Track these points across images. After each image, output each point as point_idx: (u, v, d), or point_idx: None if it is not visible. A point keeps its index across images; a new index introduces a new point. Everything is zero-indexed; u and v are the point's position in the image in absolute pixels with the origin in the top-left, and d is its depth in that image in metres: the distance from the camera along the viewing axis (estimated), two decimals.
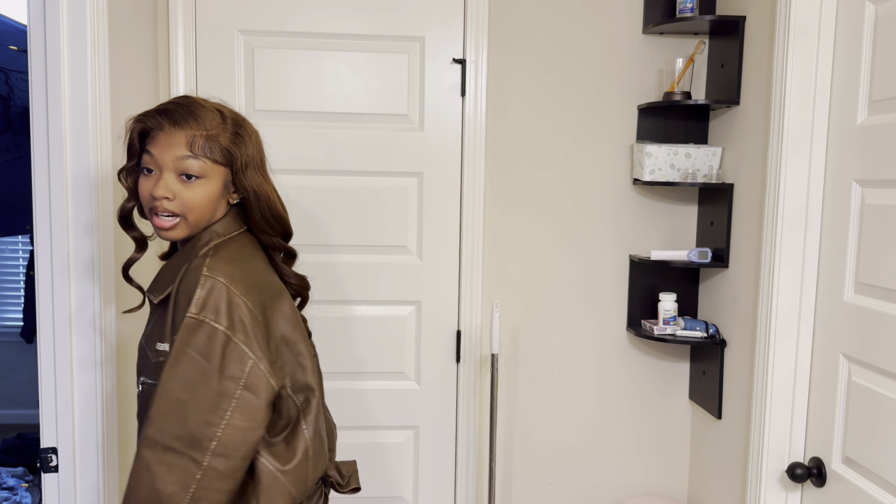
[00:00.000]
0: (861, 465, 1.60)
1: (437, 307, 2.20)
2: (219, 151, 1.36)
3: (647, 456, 2.33)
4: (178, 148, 1.33)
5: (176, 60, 2.05)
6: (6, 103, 2.88)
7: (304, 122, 2.13)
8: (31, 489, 3.09)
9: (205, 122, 1.35)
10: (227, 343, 1.27)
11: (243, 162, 1.38)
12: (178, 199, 1.34)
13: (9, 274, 4.47)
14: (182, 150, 1.33)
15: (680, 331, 2.13)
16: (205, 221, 1.38)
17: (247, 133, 1.41)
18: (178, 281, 1.34)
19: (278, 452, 1.35)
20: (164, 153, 1.33)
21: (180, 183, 1.34)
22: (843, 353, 1.67)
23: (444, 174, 2.17)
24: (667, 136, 2.20)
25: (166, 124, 1.34)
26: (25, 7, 1.90)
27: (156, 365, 1.35)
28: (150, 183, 1.35)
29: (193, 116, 1.35)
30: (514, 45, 2.17)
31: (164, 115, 1.35)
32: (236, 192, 1.41)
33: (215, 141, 1.35)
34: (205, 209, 1.36)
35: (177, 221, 1.35)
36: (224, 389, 1.26)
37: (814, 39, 1.72)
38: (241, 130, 1.40)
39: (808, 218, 1.76)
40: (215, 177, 1.37)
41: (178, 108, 1.35)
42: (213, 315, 1.27)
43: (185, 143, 1.33)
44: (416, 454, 2.25)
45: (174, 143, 1.33)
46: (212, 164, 1.35)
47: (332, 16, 2.10)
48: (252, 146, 1.40)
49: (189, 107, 1.36)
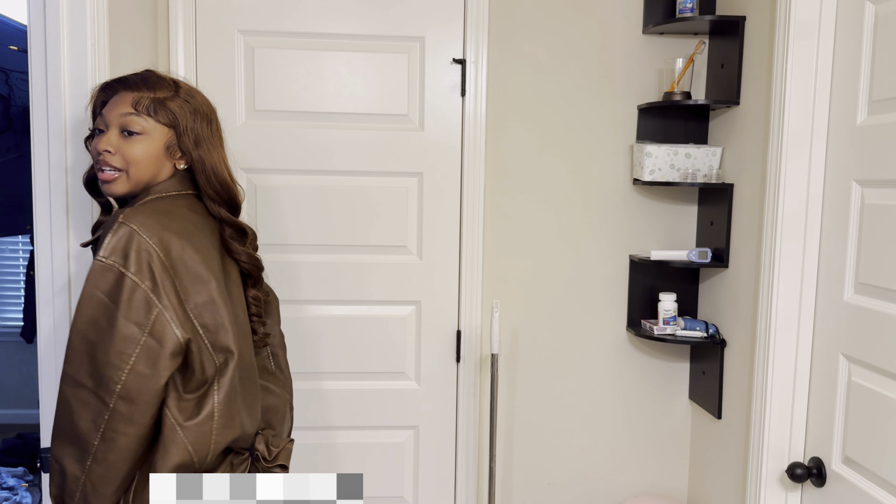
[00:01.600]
0: (861, 465, 1.60)
1: (436, 307, 2.20)
2: (163, 113, 1.44)
3: (647, 456, 2.33)
4: (123, 106, 1.43)
5: (176, 60, 2.05)
6: (6, 103, 2.88)
7: (304, 122, 2.13)
8: (31, 489, 3.10)
9: (155, 87, 1.46)
10: (135, 289, 1.30)
11: (186, 125, 1.46)
12: (118, 154, 1.42)
13: (9, 274, 4.47)
14: (126, 108, 1.43)
15: (680, 331, 2.14)
16: (146, 178, 1.45)
17: (196, 102, 1.49)
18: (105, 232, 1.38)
19: (184, 407, 1.37)
20: (111, 111, 1.44)
21: (122, 139, 1.43)
22: (843, 353, 1.67)
23: (444, 174, 2.17)
24: (667, 136, 2.20)
25: (120, 88, 1.46)
26: (25, 7, 1.90)
27: None
28: (98, 141, 1.44)
29: (146, 83, 1.46)
30: (514, 45, 2.17)
31: (121, 82, 1.47)
32: (182, 158, 1.48)
33: (161, 103, 1.44)
34: (145, 165, 1.43)
35: (118, 175, 1.43)
36: (129, 334, 1.29)
37: (814, 39, 1.72)
38: (191, 100, 1.49)
39: (808, 218, 1.76)
40: (157, 135, 1.44)
41: (135, 77, 1.47)
42: (122, 260, 1.30)
43: (130, 103, 1.43)
44: (416, 454, 2.25)
45: (121, 103, 1.44)
46: (154, 122, 1.44)
47: (331, 16, 2.10)
48: (201, 117, 1.49)
49: (144, 76, 1.47)
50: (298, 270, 2.16)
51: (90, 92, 1.91)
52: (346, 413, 2.22)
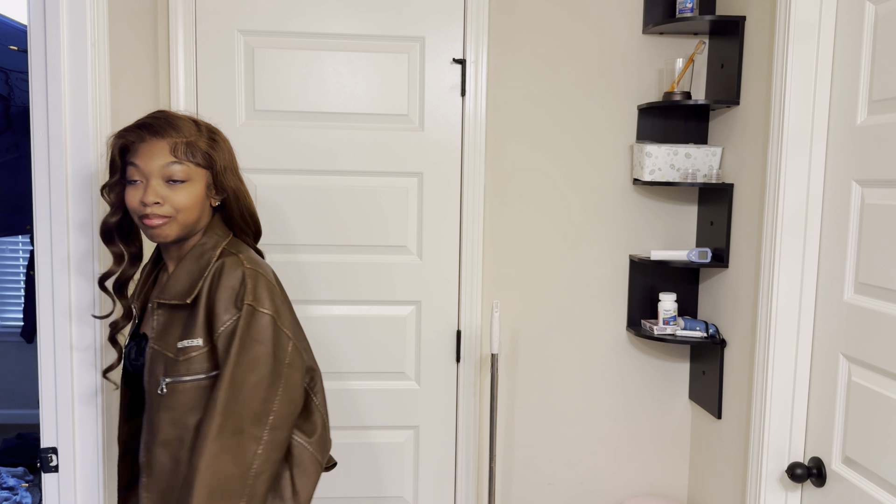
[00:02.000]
0: (861, 465, 1.60)
1: (437, 307, 2.20)
2: (200, 155, 1.46)
3: (647, 456, 2.33)
4: (162, 155, 1.43)
5: (176, 60, 2.05)
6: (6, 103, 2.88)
7: (304, 122, 2.13)
8: (31, 489, 3.10)
9: (182, 130, 1.45)
10: (275, 327, 1.43)
11: (222, 164, 1.49)
12: (167, 203, 1.43)
13: (9, 274, 4.47)
14: (166, 157, 1.43)
15: (680, 331, 2.14)
16: (193, 221, 1.47)
17: (221, 139, 1.52)
18: (209, 280, 1.44)
19: (301, 426, 1.53)
20: (149, 162, 1.42)
21: (168, 188, 1.43)
22: (843, 353, 1.67)
23: (444, 174, 2.17)
24: (667, 136, 2.20)
25: (147, 136, 1.43)
26: (25, 7, 1.90)
27: (183, 362, 1.43)
28: (139, 192, 1.43)
29: (172, 126, 1.45)
30: (514, 45, 2.17)
31: (144, 128, 1.44)
32: (217, 194, 1.51)
33: (195, 146, 1.45)
34: (192, 210, 1.46)
35: (167, 220, 1.44)
36: (276, 368, 1.42)
37: (814, 39, 1.72)
38: (216, 136, 1.51)
39: (808, 218, 1.76)
40: (198, 179, 1.46)
41: (156, 121, 1.45)
42: (263, 303, 1.42)
43: (168, 150, 1.43)
44: (416, 454, 2.25)
45: (157, 152, 1.43)
46: (194, 167, 1.45)
47: (331, 16, 2.10)
48: (226, 151, 1.52)
49: (166, 118, 1.46)
50: (298, 270, 2.16)
51: (90, 92, 1.91)
52: (346, 413, 2.22)
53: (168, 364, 1.44)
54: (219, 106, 2.09)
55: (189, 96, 2.07)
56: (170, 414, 1.43)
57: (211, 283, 1.44)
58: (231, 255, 1.47)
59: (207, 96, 2.08)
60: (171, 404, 1.43)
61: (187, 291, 1.45)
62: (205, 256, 1.48)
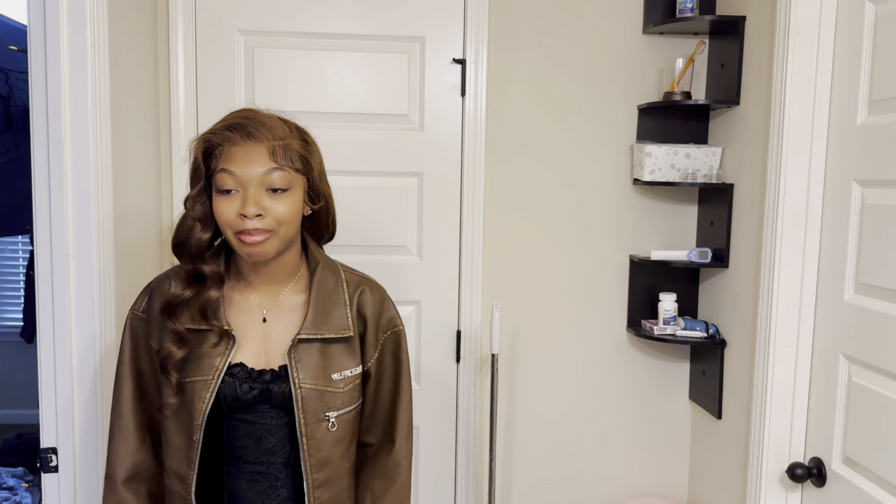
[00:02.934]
0: (861, 466, 1.60)
1: (437, 307, 2.20)
2: (298, 159, 1.30)
3: (647, 456, 2.33)
4: (260, 161, 1.26)
5: (176, 60, 2.05)
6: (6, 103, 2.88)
7: (303, 122, 2.12)
8: (31, 489, 3.10)
9: (276, 130, 1.30)
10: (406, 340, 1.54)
11: (318, 170, 1.36)
12: (269, 215, 1.27)
13: (9, 274, 4.48)
14: (266, 163, 1.26)
15: (680, 331, 2.13)
16: (292, 236, 1.33)
17: (311, 140, 1.38)
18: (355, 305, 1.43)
19: None
20: (247, 169, 1.25)
21: (269, 198, 1.27)
22: (843, 353, 1.67)
23: (444, 174, 2.17)
24: (667, 136, 2.20)
25: (239, 138, 1.27)
26: (25, 7, 1.90)
27: (346, 393, 1.40)
28: (235, 203, 1.26)
29: (265, 126, 1.29)
30: (514, 45, 2.17)
31: (235, 129, 1.27)
32: (312, 202, 1.37)
33: (292, 149, 1.29)
34: (294, 221, 1.31)
35: (269, 235, 1.28)
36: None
37: (814, 39, 1.72)
38: (307, 137, 1.37)
39: (808, 218, 1.76)
40: (298, 186, 1.31)
41: (248, 121, 1.28)
42: (400, 319, 1.51)
43: (267, 155, 1.26)
44: (416, 454, 2.25)
45: (255, 157, 1.26)
46: (294, 173, 1.29)
47: (331, 16, 2.10)
48: (318, 153, 1.38)
49: (256, 118, 1.30)
50: None
51: (90, 92, 1.91)
52: None
53: (328, 399, 1.37)
54: (219, 106, 2.09)
55: (189, 96, 2.07)
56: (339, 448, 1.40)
57: (358, 309, 1.43)
58: (349, 272, 1.46)
59: (207, 96, 2.08)
60: (338, 437, 1.40)
61: (344, 324, 1.40)
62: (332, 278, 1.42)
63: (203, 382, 1.33)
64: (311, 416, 1.35)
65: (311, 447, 1.36)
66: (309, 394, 1.35)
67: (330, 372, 1.37)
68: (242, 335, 1.37)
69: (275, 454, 1.37)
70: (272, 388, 1.35)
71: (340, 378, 1.38)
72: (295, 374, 1.34)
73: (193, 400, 1.33)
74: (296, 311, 1.40)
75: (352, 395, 1.41)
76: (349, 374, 1.40)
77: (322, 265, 1.42)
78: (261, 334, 1.38)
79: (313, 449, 1.36)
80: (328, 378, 1.37)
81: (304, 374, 1.35)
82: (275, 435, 1.37)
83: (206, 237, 1.33)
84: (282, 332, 1.39)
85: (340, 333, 1.38)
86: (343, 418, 1.39)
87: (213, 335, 1.35)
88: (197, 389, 1.33)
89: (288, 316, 1.40)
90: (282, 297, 1.41)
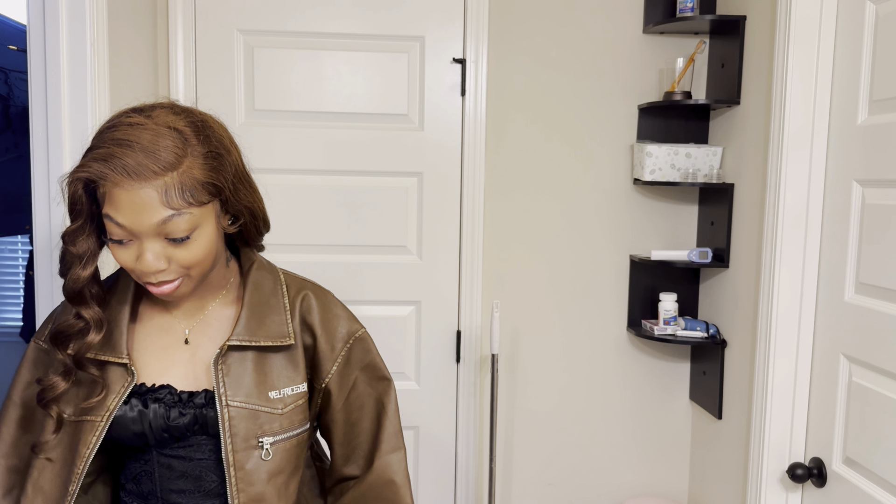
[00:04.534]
0: (861, 466, 1.60)
1: (437, 307, 2.20)
2: (201, 189, 1.03)
3: (647, 456, 2.33)
4: (151, 209, 0.99)
5: (175, 60, 2.05)
6: (5, 103, 2.88)
7: (303, 122, 2.12)
8: None
9: (165, 155, 1.00)
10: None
11: (231, 181, 1.09)
12: (174, 263, 1.05)
13: (8, 274, 4.47)
14: (159, 211, 1.00)
15: (680, 331, 2.13)
16: (209, 267, 1.11)
17: (217, 138, 1.08)
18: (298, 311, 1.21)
19: None
20: (135, 221, 1.00)
21: (171, 246, 1.04)
22: (844, 353, 1.67)
23: (444, 174, 2.16)
24: (667, 136, 2.20)
25: (119, 178, 0.98)
26: (25, 7, 1.90)
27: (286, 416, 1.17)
28: (130, 254, 1.04)
29: (149, 153, 0.99)
30: (514, 44, 2.17)
31: (111, 163, 0.98)
32: (230, 217, 1.14)
33: (190, 180, 1.02)
34: (209, 258, 1.09)
35: (180, 281, 1.08)
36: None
37: (814, 39, 1.72)
38: (209, 133, 1.07)
39: (808, 218, 1.76)
40: (207, 218, 1.06)
41: (126, 149, 0.99)
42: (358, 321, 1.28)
43: (158, 199, 0.99)
44: (416, 454, 2.25)
45: (143, 204, 0.99)
46: (199, 207, 1.03)
47: (332, 15, 2.10)
48: (227, 150, 1.09)
49: (137, 140, 0.99)
50: (298, 270, 2.16)
51: (89, 92, 1.91)
52: None
53: (264, 420, 1.14)
54: (218, 106, 2.08)
55: (189, 96, 2.06)
56: (274, 483, 1.15)
57: (302, 316, 1.21)
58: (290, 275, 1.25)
59: (207, 96, 2.08)
60: (275, 469, 1.15)
61: (284, 330, 1.18)
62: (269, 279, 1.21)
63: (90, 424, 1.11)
64: (240, 440, 1.12)
65: (241, 479, 1.12)
66: (238, 413, 1.12)
67: (266, 389, 1.15)
68: (164, 358, 1.17)
69: (221, 497, 1.16)
70: (207, 413, 1.13)
71: (279, 397, 1.16)
72: (222, 390, 1.12)
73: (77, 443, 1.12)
74: (226, 323, 1.19)
75: (293, 418, 1.17)
76: (290, 393, 1.17)
77: (257, 265, 1.22)
78: (186, 356, 1.17)
79: (243, 483, 1.12)
80: (263, 396, 1.15)
81: (233, 391, 1.12)
82: (216, 472, 1.16)
83: (87, 275, 1.08)
84: (211, 350, 1.17)
85: (279, 341, 1.16)
86: (280, 446, 1.15)
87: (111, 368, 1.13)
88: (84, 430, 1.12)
89: (217, 332, 1.19)
90: (209, 311, 1.20)
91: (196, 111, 1.10)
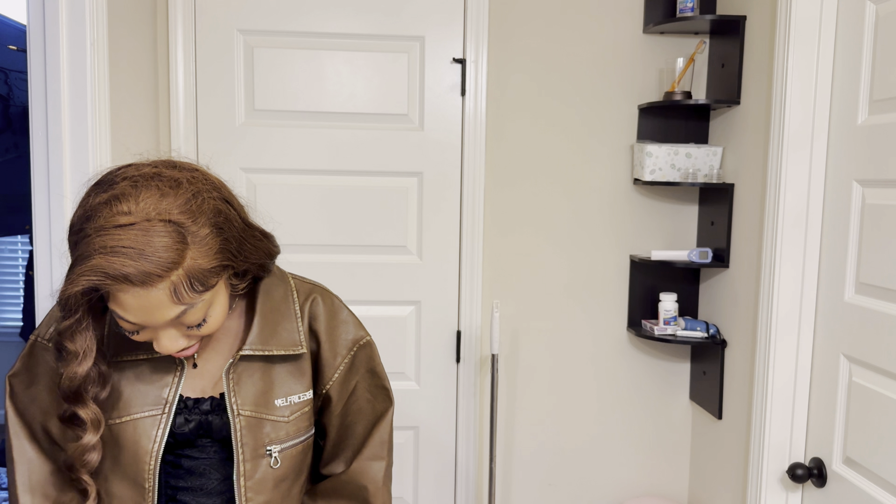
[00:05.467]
0: (861, 466, 1.60)
1: (437, 307, 2.20)
2: (209, 275, 0.99)
3: (647, 456, 2.33)
4: (162, 310, 0.96)
5: (175, 60, 2.05)
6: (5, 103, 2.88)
7: (303, 122, 2.12)
8: None
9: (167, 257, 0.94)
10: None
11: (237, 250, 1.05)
12: (192, 339, 1.06)
13: (8, 274, 4.47)
14: (171, 309, 0.97)
15: (680, 331, 2.13)
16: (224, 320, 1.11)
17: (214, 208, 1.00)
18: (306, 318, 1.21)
19: None
20: (147, 319, 0.97)
21: (188, 331, 1.03)
22: (844, 354, 1.67)
23: (444, 174, 2.16)
24: (667, 136, 2.20)
25: (126, 286, 0.94)
26: (25, 7, 1.90)
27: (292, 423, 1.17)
28: (144, 336, 1.03)
29: (149, 259, 0.93)
30: (514, 44, 2.17)
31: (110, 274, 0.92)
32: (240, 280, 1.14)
33: (199, 272, 0.97)
34: (224, 319, 1.08)
35: (197, 345, 1.08)
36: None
37: (814, 39, 1.72)
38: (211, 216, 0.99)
39: (808, 218, 1.76)
40: (219, 291, 1.05)
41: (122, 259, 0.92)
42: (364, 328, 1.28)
43: (167, 299, 0.96)
44: (416, 454, 2.25)
45: (153, 307, 0.96)
46: (210, 292, 1.01)
47: (332, 15, 2.10)
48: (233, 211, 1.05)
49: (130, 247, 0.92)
50: (298, 270, 2.16)
51: (90, 92, 1.90)
52: None
53: (270, 429, 1.15)
54: (218, 105, 2.08)
55: (188, 96, 2.06)
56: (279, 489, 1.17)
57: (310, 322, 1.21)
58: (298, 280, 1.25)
59: (207, 96, 2.08)
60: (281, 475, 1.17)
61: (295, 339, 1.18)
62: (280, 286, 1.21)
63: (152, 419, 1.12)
64: (249, 450, 1.13)
65: (250, 489, 1.13)
66: (248, 423, 1.13)
67: (272, 397, 1.15)
68: None
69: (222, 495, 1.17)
70: (212, 419, 1.14)
71: (285, 405, 1.16)
72: (233, 399, 1.12)
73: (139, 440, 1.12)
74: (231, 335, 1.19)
75: (299, 424, 1.18)
76: (296, 401, 1.18)
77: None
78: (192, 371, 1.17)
79: (252, 492, 1.13)
80: (270, 404, 1.15)
81: (243, 400, 1.13)
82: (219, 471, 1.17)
83: (84, 371, 1.02)
84: (220, 362, 1.17)
85: (290, 350, 1.17)
86: (287, 453, 1.17)
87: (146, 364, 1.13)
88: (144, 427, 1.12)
89: (223, 345, 1.18)
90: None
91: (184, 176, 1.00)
